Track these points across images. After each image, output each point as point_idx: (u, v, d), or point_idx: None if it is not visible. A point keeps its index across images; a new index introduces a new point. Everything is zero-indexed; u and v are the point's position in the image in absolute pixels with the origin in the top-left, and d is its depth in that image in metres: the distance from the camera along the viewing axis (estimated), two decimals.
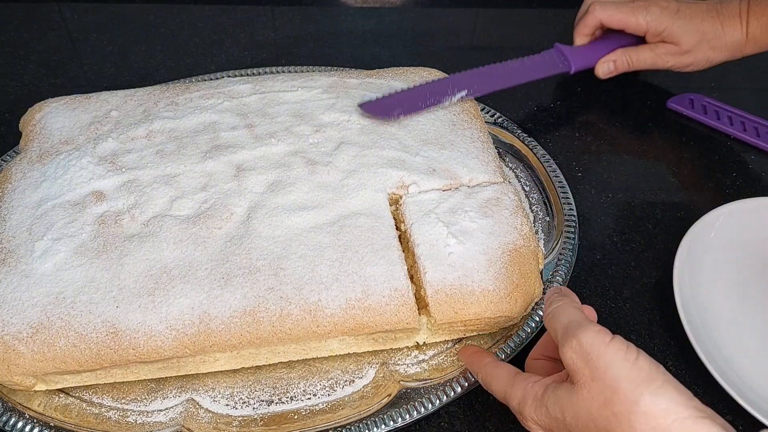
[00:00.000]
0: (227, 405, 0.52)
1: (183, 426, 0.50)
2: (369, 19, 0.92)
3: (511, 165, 0.69)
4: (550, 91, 0.80)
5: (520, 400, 0.43)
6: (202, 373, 0.54)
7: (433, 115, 0.64)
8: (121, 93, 0.66)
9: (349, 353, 0.55)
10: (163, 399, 0.52)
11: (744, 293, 0.59)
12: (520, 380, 0.44)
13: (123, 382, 0.53)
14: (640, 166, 0.73)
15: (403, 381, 0.53)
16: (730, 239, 0.62)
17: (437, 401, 0.51)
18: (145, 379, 0.53)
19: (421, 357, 0.55)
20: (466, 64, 0.84)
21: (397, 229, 0.55)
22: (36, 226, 0.53)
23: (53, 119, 0.63)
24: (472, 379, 0.51)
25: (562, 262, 0.59)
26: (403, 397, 0.51)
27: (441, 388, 0.52)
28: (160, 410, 0.52)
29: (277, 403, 0.52)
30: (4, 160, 0.66)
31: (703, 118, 0.77)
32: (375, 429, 0.49)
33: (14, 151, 0.66)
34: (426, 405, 0.51)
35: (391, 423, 0.50)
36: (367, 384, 0.53)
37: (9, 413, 0.50)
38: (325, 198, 0.55)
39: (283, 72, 0.77)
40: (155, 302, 0.49)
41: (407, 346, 0.55)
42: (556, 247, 0.61)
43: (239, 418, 0.51)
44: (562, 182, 0.66)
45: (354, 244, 0.52)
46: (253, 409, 0.52)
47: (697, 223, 0.61)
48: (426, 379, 0.53)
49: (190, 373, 0.53)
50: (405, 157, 0.59)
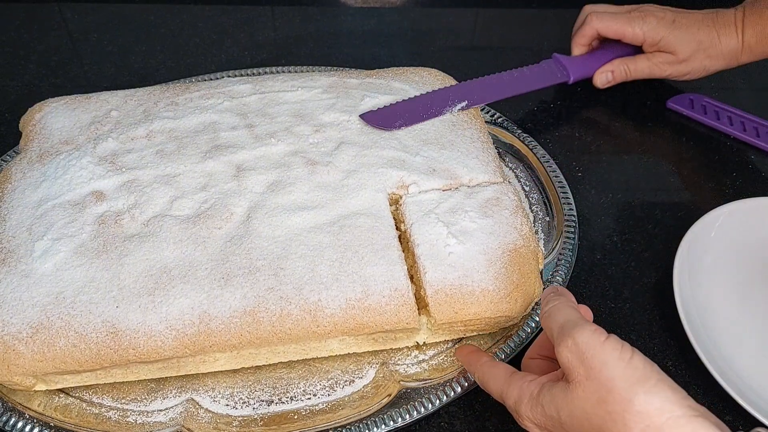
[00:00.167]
0: (227, 405, 0.52)
1: (183, 426, 0.50)
2: (369, 19, 0.92)
3: (511, 165, 0.69)
4: (550, 91, 0.80)
5: (516, 399, 0.43)
6: (202, 373, 0.54)
7: None
8: (121, 93, 0.66)
9: (349, 353, 0.55)
10: (163, 399, 0.52)
11: (744, 293, 0.59)
12: (516, 379, 0.44)
13: (123, 382, 0.53)
14: (640, 167, 0.73)
15: (403, 381, 0.53)
16: (730, 239, 0.62)
17: (437, 401, 0.51)
18: (145, 379, 0.53)
19: (421, 357, 0.55)
20: (466, 64, 0.85)
21: (397, 229, 0.55)
22: (36, 226, 0.53)
23: (53, 119, 0.63)
24: (472, 379, 0.51)
25: (562, 262, 0.59)
26: (403, 397, 0.51)
27: (441, 388, 0.52)
28: (160, 410, 0.52)
29: (277, 403, 0.52)
30: (4, 160, 0.66)
31: (703, 118, 0.77)
32: (375, 429, 0.49)
33: (14, 151, 0.66)
34: (426, 405, 0.51)
35: (391, 423, 0.50)
36: (367, 384, 0.53)
37: (9, 413, 0.50)
38: (325, 198, 0.55)
39: (283, 72, 0.77)
40: (155, 302, 0.49)
41: (407, 346, 0.55)
42: (556, 247, 0.61)
43: (239, 418, 0.51)
44: (562, 182, 0.66)
45: (354, 244, 0.52)
46: (253, 409, 0.52)
47: (697, 223, 0.61)
48: (426, 379, 0.53)
49: (190, 373, 0.53)
50: (405, 157, 0.59)
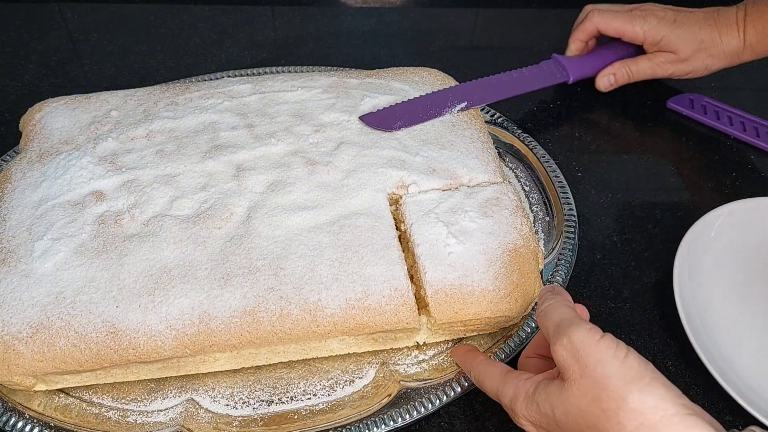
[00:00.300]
0: (227, 405, 0.52)
1: (183, 426, 0.50)
2: (369, 19, 0.92)
3: (511, 165, 0.69)
4: (550, 91, 0.80)
5: (511, 398, 0.44)
6: (202, 373, 0.54)
7: None
8: (121, 93, 0.66)
9: (349, 353, 0.55)
10: (163, 399, 0.52)
11: (744, 293, 0.59)
12: (512, 378, 0.44)
13: (123, 382, 0.53)
14: (640, 166, 0.73)
15: (403, 381, 0.53)
16: (730, 239, 0.62)
17: (437, 401, 0.51)
18: (145, 379, 0.53)
19: (421, 357, 0.55)
20: (466, 64, 0.85)
21: (397, 229, 0.55)
22: (36, 226, 0.53)
23: (53, 119, 0.63)
24: (472, 380, 0.51)
25: (562, 262, 0.59)
26: (403, 397, 0.51)
27: (441, 388, 0.52)
28: (160, 410, 0.52)
29: (277, 403, 0.52)
30: (4, 160, 0.66)
31: (703, 118, 0.77)
32: (375, 429, 0.49)
33: (14, 151, 0.66)
34: (426, 405, 0.51)
35: (391, 423, 0.50)
36: (367, 384, 0.53)
37: (9, 413, 0.50)
38: (325, 198, 0.55)
39: (283, 72, 0.77)
40: (155, 302, 0.49)
41: (407, 346, 0.55)
42: (556, 247, 0.61)
43: (239, 418, 0.51)
44: (562, 182, 0.66)
45: (354, 244, 0.52)
46: (253, 409, 0.52)
47: (697, 223, 0.61)
48: (426, 379, 0.53)
49: (190, 373, 0.53)
50: (405, 156, 0.59)
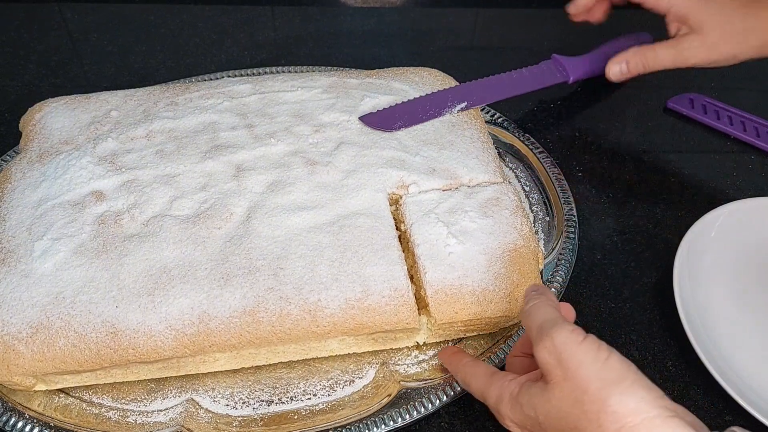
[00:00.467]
0: (227, 405, 0.52)
1: (183, 426, 0.50)
2: (369, 19, 0.92)
3: (511, 165, 0.69)
4: (550, 91, 0.80)
5: (496, 399, 0.44)
6: (202, 373, 0.54)
7: None
8: (121, 93, 0.65)
9: (349, 353, 0.55)
10: (163, 399, 0.52)
11: (744, 293, 0.59)
12: (497, 379, 0.44)
13: (123, 382, 0.53)
14: (640, 166, 0.73)
15: (403, 381, 0.53)
16: (730, 239, 0.62)
17: (437, 401, 0.51)
18: (145, 379, 0.53)
19: (421, 357, 0.55)
20: (466, 64, 0.85)
21: (397, 229, 0.55)
22: (36, 226, 0.53)
23: (53, 119, 0.63)
24: None
25: (562, 262, 0.59)
26: (403, 397, 0.51)
27: (441, 388, 0.52)
28: (160, 410, 0.52)
29: (277, 403, 0.52)
30: (4, 160, 0.66)
31: (703, 118, 0.77)
32: (375, 429, 0.49)
33: (14, 151, 0.66)
34: (426, 405, 0.51)
35: (391, 423, 0.50)
36: (367, 384, 0.53)
37: (9, 413, 0.50)
38: (325, 198, 0.55)
39: (283, 72, 0.77)
40: (155, 302, 0.49)
41: (407, 346, 0.55)
42: (556, 247, 0.61)
43: (239, 418, 0.51)
44: (562, 182, 0.66)
45: (354, 244, 0.52)
46: (253, 409, 0.52)
47: (697, 223, 0.61)
48: (426, 379, 0.53)
49: (190, 373, 0.53)
50: (405, 157, 0.59)
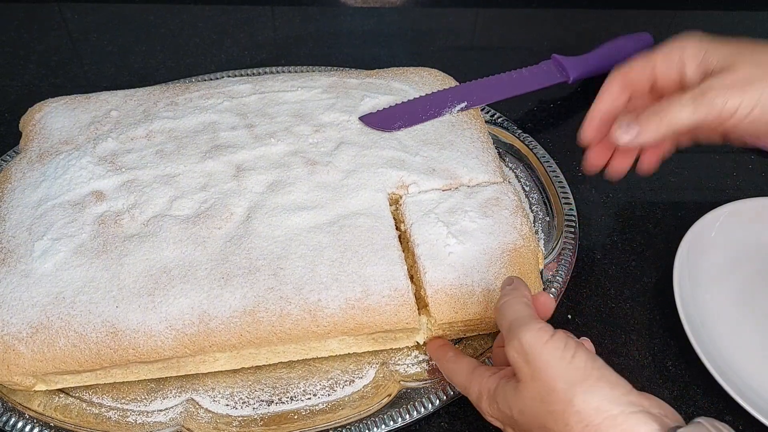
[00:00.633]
0: (227, 405, 0.52)
1: (183, 426, 0.50)
2: (369, 19, 0.92)
3: (511, 165, 0.69)
4: (550, 91, 0.80)
5: (477, 395, 0.44)
6: (202, 373, 0.54)
7: None
8: (121, 93, 0.65)
9: (349, 353, 0.55)
10: (163, 399, 0.52)
11: (744, 293, 0.59)
12: (477, 375, 0.45)
13: (123, 382, 0.53)
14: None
15: (403, 381, 0.53)
16: (730, 239, 0.62)
17: (437, 401, 0.51)
18: (145, 379, 0.53)
19: (422, 357, 0.55)
20: (466, 64, 0.85)
21: (397, 229, 0.55)
22: (36, 226, 0.53)
23: (53, 119, 0.63)
24: None
25: (562, 262, 0.59)
26: (403, 397, 0.51)
27: (441, 388, 0.52)
28: (160, 410, 0.52)
29: (277, 403, 0.52)
30: (4, 160, 0.66)
31: None
32: (375, 429, 0.49)
33: (14, 151, 0.66)
34: (426, 405, 0.51)
35: (391, 423, 0.50)
36: (367, 384, 0.53)
37: (9, 413, 0.50)
38: (325, 198, 0.55)
39: (283, 72, 0.77)
40: (155, 302, 0.49)
41: (407, 346, 0.55)
42: (556, 247, 0.61)
43: (239, 418, 0.51)
44: (562, 182, 0.66)
45: (354, 244, 0.52)
46: (253, 409, 0.52)
47: (697, 223, 0.61)
48: (426, 379, 0.53)
49: (190, 373, 0.53)
50: (405, 157, 0.59)
